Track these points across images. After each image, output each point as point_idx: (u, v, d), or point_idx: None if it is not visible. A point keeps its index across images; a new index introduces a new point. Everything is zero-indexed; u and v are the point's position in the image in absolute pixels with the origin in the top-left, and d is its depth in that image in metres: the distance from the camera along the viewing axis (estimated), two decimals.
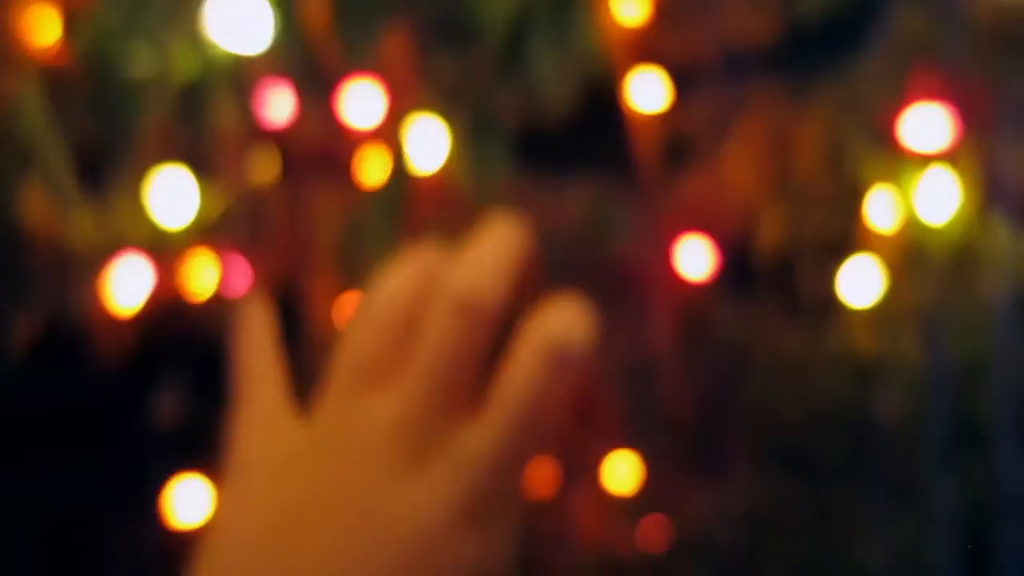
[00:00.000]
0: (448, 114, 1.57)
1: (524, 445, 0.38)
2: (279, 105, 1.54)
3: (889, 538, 1.57)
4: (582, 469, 1.46)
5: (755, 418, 1.52)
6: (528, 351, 0.38)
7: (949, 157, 1.56)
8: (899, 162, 1.57)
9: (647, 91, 1.55)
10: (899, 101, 1.51)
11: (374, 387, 0.39)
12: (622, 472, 1.49)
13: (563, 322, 0.39)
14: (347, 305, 1.52)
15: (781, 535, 1.54)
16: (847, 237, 1.56)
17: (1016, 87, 1.60)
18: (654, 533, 1.47)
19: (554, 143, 1.54)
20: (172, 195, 1.51)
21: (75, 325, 1.47)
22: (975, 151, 1.56)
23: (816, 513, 1.55)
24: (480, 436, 0.38)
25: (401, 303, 0.40)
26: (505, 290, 0.39)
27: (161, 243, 1.50)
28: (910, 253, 1.57)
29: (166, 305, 1.49)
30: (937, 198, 1.56)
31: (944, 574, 1.57)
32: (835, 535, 1.56)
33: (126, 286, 1.48)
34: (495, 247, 0.40)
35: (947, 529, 1.58)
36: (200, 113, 1.53)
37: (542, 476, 1.46)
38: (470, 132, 1.57)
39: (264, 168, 1.57)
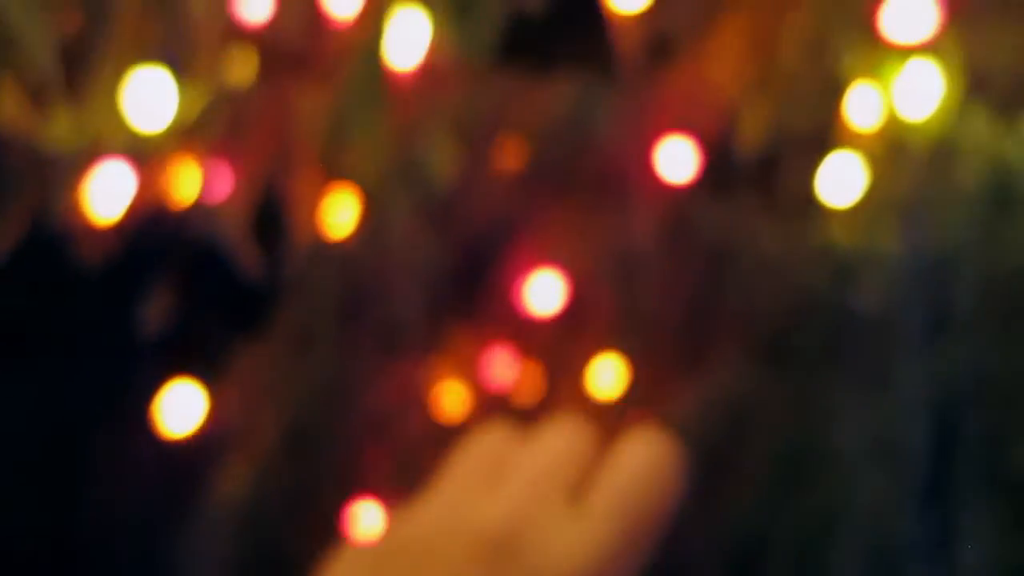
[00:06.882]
0: (430, 3, 1.54)
1: (633, 541, 0.43)
2: (256, 1, 1.51)
3: (863, 425, 1.61)
4: (567, 374, 1.49)
5: (736, 314, 1.54)
6: (632, 463, 0.44)
7: (932, 48, 1.55)
8: (881, 55, 1.56)
9: None
10: None
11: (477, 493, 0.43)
12: (607, 377, 1.51)
13: (656, 447, 0.45)
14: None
15: (760, 424, 1.57)
16: (829, 134, 1.56)
17: None
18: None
19: (535, 39, 1.52)
20: (149, 97, 1.49)
21: (56, 231, 1.47)
22: (958, 40, 1.55)
23: (794, 403, 1.59)
24: (593, 529, 0.42)
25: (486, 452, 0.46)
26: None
27: (140, 147, 1.49)
28: (890, 148, 1.57)
29: (148, 211, 1.48)
30: (919, 92, 1.56)
31: (913, 458, 1.62)
32: (812, 424, 1.60)
33: (106, 193, 1.47)
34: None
35: (919, 415, 1.62)
36: (175, 10, 1.50)
37: (528, 381, 1.49)
38: (452, 21, 1.55)
39: (242, 67, 1.54)
